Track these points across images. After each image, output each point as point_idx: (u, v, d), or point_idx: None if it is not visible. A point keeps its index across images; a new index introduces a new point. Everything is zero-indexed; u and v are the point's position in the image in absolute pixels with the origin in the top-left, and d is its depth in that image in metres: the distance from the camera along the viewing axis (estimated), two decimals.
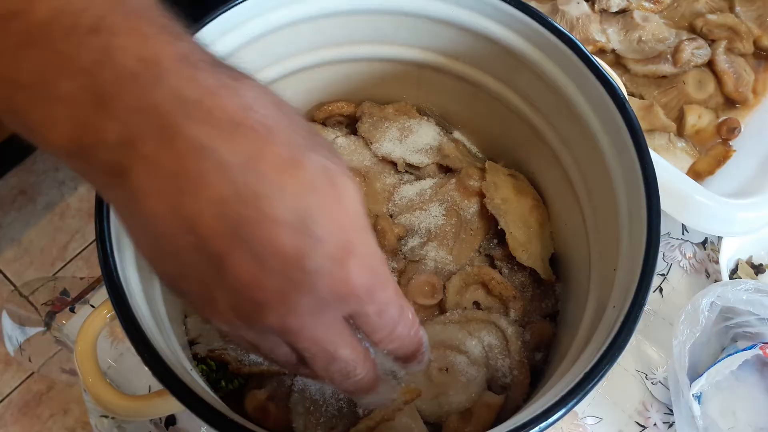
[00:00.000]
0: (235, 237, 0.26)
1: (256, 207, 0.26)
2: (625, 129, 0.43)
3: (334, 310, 0.30)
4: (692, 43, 0.72)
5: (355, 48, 0.55)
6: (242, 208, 0.26)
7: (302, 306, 0.28)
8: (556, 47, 0.46)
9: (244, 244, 0.26)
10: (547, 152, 0.54)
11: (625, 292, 0.40)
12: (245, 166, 0.26)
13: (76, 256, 1.41)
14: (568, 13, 0.73)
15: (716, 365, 0.55)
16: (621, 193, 0.45)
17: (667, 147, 0.70)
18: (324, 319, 0.30)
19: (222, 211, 0.26)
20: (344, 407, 0.47)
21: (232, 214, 0.26)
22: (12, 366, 1.30)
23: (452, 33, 0.51)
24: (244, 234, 0.26)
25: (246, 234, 0.26)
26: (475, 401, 0.47)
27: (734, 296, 0.54)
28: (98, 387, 0.40)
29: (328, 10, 0.50)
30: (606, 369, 0.36)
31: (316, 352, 0.31)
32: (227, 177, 0.26)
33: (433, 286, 0.52)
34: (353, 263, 0.28)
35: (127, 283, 0.38)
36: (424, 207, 0.55)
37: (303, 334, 0.29)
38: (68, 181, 1.47)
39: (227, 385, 0.48)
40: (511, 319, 0.51)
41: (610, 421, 0.58)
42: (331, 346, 0.31)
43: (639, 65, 0.72)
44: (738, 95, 0.71)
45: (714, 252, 0.66)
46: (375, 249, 0.30)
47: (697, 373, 0.58)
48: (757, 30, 0.75)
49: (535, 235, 0.54)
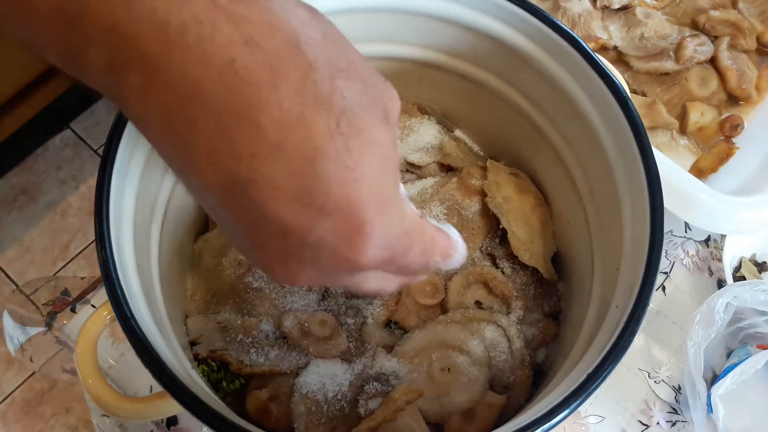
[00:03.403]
0: (231, 194, 0.24)
1: (250, 167, 0.23)
2: (628, 127, 0.43)
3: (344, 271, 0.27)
4: (695, 39, 0.72)
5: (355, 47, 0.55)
6: (235, 165, 0.23)
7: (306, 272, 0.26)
8: (558, 45, 0.46)
9: (240, 203, 0.24)
10: (549, 150, 0.54)
11: (628, 291, 0.39)
12: (241, 117, 0.22)
13: (78, 255, 1.41)
14: (570, 10, 0.73)
15: (740, 365, 0.55)
16: (624, 191, 0.44)
17: (670, 144, 0.69)
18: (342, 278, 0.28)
19: (215, 163, 0.23)
20: (346, 408, 0.46)
21: (225, 168, 0.23)
22: (14, 365, 1.30)
23: (453, 31, 0.51)
24: (239, 194, 0.23)
25: (241, 194, 0.23)
26: (477, 401, 0.47)
27: (752, 297, 0.54)
28: (98, 388, 0.40)
29: (328, 8, 0.50)
30: (610, 369, 0.36)
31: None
32: (219, 126, 0.22)
33: (434, 286, 0.52)
34: (362, 242, 0.25)
35: (127, 285, 0.38)
36: (425, 206, 0.55)
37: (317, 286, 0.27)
38: (69, 181, 1.47)
39: (228, 386, 0.48)
40: (513, 319, 0.51)
41: (612, 420, 0.58)
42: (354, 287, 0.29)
43: (641, 62, 0.72)
44: (741, 92, 0.71)
45: (717, 250, 0.66)
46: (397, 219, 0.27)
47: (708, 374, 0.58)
48: (760, 26, 0.74)
49: (537, 234, 0.54)
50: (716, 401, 0.54)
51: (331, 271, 0.27)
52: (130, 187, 0.42)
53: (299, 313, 0.50)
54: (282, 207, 0.24)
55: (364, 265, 0.26)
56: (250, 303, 0.50)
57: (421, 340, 0.49)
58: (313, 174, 0.23)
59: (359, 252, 0.25)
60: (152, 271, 0.44)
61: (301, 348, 0.49)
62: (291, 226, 0.24)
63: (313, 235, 0.24)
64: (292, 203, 0.24)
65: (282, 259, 0.26)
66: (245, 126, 0.22)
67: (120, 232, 0.39)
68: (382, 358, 0.48)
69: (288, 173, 0.23)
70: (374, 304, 0.52)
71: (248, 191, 0.23)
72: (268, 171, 0.23)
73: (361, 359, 0.49)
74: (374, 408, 0.45)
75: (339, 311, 0.51)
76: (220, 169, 0.23)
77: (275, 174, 0.23)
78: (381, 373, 0.48)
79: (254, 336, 0.49)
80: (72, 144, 1.51)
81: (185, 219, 0.53)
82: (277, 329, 0.50)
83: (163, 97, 0.22)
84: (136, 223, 0.42)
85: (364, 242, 0.25)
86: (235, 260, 0.51)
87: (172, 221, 0.49)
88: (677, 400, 0.59)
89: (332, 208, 0.24)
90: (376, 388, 0.46)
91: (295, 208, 0.24)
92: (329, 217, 0.24)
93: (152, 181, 0.45)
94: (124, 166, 0.41)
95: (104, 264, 0.37)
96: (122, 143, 0.40)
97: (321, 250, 0.25)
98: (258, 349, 0.49)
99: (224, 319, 0.50)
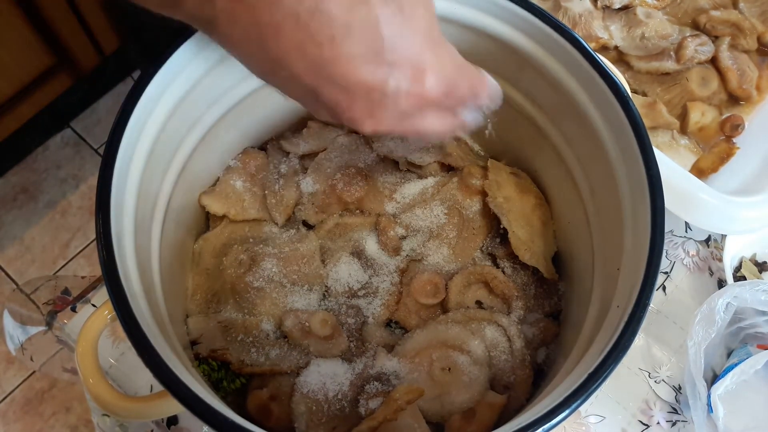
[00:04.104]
0: (320, 74, 0.31)
1: (330, 47, 0.30)
2: (629, 126, 0.43)
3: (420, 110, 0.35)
4: (695, 39, 0.71)
5: None
6: (318, 50, 0.30)
7: (388, 118, 0.33)
8: (559, 44, 0.46)
9: (329, 78, 0.31)
10: (550, 150, 0.54)
11: (629, 291, 0.39)
12: (313, 11, 0.29)
13: (78, 254, 1.41)
14: (571, 10, 0.73)
15: (740, 365, 0.55)
16: (624, 191, 0.44)
17: (671, 144, 0.69)
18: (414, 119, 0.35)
19: (302, 54, 0.30)
20: (346, 407, 0.46)
21: (311, 55, 0.30)
22: (14, 364, 1.30)
23: (455, 31, 0.51)
24: (326, 72, 0.31)
25: (328, 71, 0.31)
26: (477, 401, 0.47)
27: (752, 297, 0.54)
28: (99, 388, 0.40)
29: None
30: (610, 369, 0.36)
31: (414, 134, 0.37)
32: (299, 23, 0.29)
33: (435, 286, 0.52)
34: (427, 77, 0.33)
35: (128, 284, 0.38)
36: (426, 206, 0.55)
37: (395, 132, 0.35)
38: (70, 179, 1.47)
39: (229, 385, 0.48)
40: (514, 319, 0.51)
41: (613, 420, 0.58)
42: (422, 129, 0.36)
43: (642, 62, 0.72)
44: (742, 92, 0.71)
45: (717, 250, 0.66)
46: (448, 58, 0.35)
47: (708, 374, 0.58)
48: (760, 26, 0.74)
49: (537, 233, 0.54)
50: (716, 401, 0.54)
51: (406, 113, 0.34)
52: (131, 186, 0.42)
53: (300, 313, 0.50)
54: (363, 71, 0.31)
55: (430, 98, 0.34)
56: (250, 302, 0.50)
57: (421, 340, 0.49)
58: (380, 38, 0.30)
59: (427, 86, 0.33)
60: (153, 271, 0.44)
61: (302, 347, 0.49)
62: (373, 83, 0.31)
63: (390, 85, 0.32)
64: (370, 65, 0.31)
65: (369, 112, 0.33)
66: (319, 18, 0.29)
67: (121, 232, 0.39)
68: (383, 357, 0.48)
69: (361, 43, 0.30)
70: (374, 304, 0.52)
71: (335, 67, 0.30)
72: (345, 46, 0.30)
73: (362, 359, 0.49)
74: (375, 408, 0.45)
75: (340, 311, 0.51)
76: (308, 58, 0.30)
77: (351, 47, 0.30)
78: (382, 372, 0.48)
79: (255, 335, 0.49)
80: (72, 143, 1.51)
81: (186, 218, 0.53)
82: (278, 329, 0.50)
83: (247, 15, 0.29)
84: (137, 222, 0.42)
85: (428, 77, 0.33)
86: (236, 260, 0.51)
87: (172, 221, 0.49)
88: (677, 399, 0.59)
89: (400, 59, 0.31)
90: (377, 387, 0.46)
91: (372, 69, 0.31)
92: (400, 67, 0.32)
93: (153, 181, 0.45)
94: (125, 165, 0.41)
95: (105, 263, 0.37)
96: (123, 143, 0.40)
97: (398, 95, 0.32)
98: (259, 348, 0.49)
99: (225, 319, 0.50)
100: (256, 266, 0.51)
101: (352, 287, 0.53)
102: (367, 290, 0.53)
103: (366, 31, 0.30)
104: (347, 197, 0.55)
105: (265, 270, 0.51)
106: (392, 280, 0.53)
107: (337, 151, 0.57)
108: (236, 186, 0.55)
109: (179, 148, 0.48)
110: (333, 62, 0.30)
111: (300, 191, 0.55)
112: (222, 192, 0.54)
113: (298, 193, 0.55)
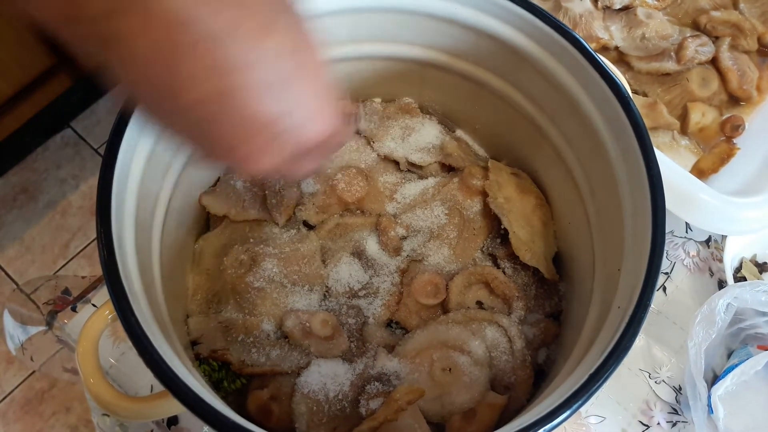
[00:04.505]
0: (221, 102, 0.29)
1: (239, 75, 0.29)
2: (630, 126, 0.43)
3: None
4: (696, 40, 0.71)
5: (357, 46, 0.55)
6: (226, 77, 0.29)
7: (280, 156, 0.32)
8: (560, 45, 0.46)
9: (230, 108, 0.30)
10: (550, 151, 0.54)
11: (630, 292, 0.39)
12: (226, 35, 0.28)
13: (78, 254, 1.41)
14: (571, 10, 0.73)
15: (741, 366, 0.55)
16: (625, 191, 0.44)
17: (671, 145, 0.69)
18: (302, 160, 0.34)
19: (207, 78, 0.28)
20: (347, 407, 0.46)
21: (216, 81, 0.29)
22: (14, 364, 1.30)
23: (455, 31, 0.51)
24: (229, 100, 0.29)
25: (231, 101, 0.29)
26: (478, 401, 0.47)
27: (752, 297, 0.54)
28: (99, 387, 0.40)
29: (330, 9, 0.50)
30: (611, 370, 0.36)
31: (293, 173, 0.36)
32: (210, 47, 0.28)
33: (435, 286, 0.52)
34: (322, 122, 0.33)
35: (128, 284, 0.38)
36: (427, 206, 0.55)
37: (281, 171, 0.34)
38: (70, 180, 1.47)
39: (229, 386, 0.48)
40: (514, 319, 0.51)
41: (613, 420, 0.58)
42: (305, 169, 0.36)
43: (642, 62, 0.72)
44: (742, 92, 0.71)
45: (718, 250, 0.66)
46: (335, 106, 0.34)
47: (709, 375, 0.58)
48: (761, 27, 0.74)
49: (538, 234, 0.54)
50: (716, 402, 0.54)
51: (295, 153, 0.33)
52: (131, 186, 0.42)
53: (300, 313, 0.50)
54: (266, 103, 0.30)
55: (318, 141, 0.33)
56: (251, 303, 0.50)
57: (422, 340, 0.49)
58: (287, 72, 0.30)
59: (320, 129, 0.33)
60: (153, 271, 0.44)
61: (303, 348, 0.49)
62: (272, 118, 0.30)
63: (288, 123, 0.31)
64: (273, 99, 0.30)
65: (263, 149, 0.32)
66: (231, 44, 0.28)
67: (122, 232, 0.39)
68: (384, 358, 0.48)
69: (268, 74, 0.29)
70: (375, 305, 0.52)
71: (239, 97, 0.29)
72: (253, 76, 0.29)
73: (363, 359, 0.49)
74: (375, 408, 0.45)
75: (340, 311, 0.51)
76: (212, 83, 0.29)
77: (259, 77, 0.29)
78: (382, 373, 0.48)
79: (255, 336, 0.49)
80: (72, 143, 1.51)
81: (186, 219, 0.53)
82: (279, 329, 0.50)
83: (157, 33, 0.27)
84: (138, 222, 0.42)
85: (323, 122, 0.32)
86: (237, 260, 0.51)
87: (173, 221, 0.49)
88: (678, 400, 0.59)
89: (301, 98, 0.31)
90: (378, 388, 0.46)
91: (275, 103, 0.30)
92: (300, 107, 0.31)
93: (153, 181, 0.45)
94: (126, 166, 0.41)
95: (106, 263, 0.37)
96: (124, 143, 0.40)
97: (296, 134, 0.32)
98: (259, 348, 0.49)
99: (225, 319, 0.50)
100: (256, 266, 0.51)
101: (352, 287, 0.53)
102: (367, 290, 0.53)
103: (275, 63, 0.29)
104: (348, 197, 0.55)
105: (265, 270, 0.51)
106: (393, 281, 0.53)
107: (338, 152, 0.57)
108: (237, 186, 0.55)
109: (180, 148, 0.48)
110: (238, 91, 0.29)
111: (300, 191, 0.55)
112: (222, 192, 0.54)
113: (299, 194, 0.55)
